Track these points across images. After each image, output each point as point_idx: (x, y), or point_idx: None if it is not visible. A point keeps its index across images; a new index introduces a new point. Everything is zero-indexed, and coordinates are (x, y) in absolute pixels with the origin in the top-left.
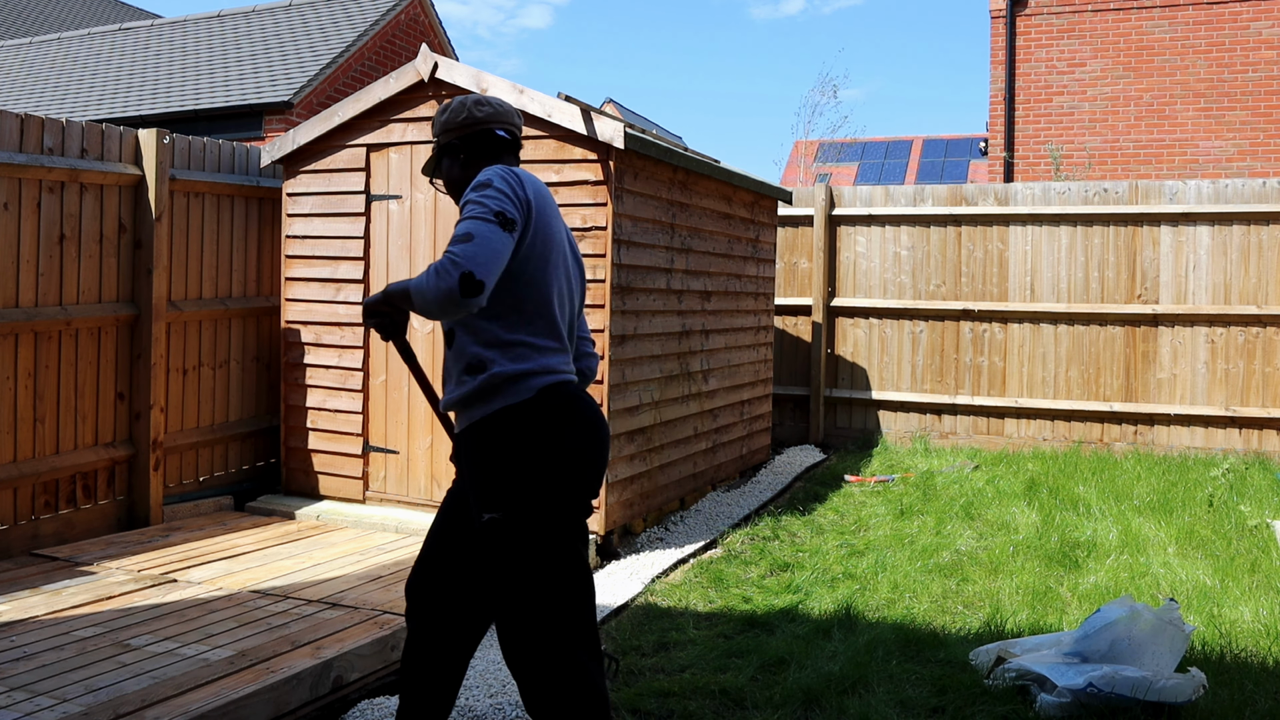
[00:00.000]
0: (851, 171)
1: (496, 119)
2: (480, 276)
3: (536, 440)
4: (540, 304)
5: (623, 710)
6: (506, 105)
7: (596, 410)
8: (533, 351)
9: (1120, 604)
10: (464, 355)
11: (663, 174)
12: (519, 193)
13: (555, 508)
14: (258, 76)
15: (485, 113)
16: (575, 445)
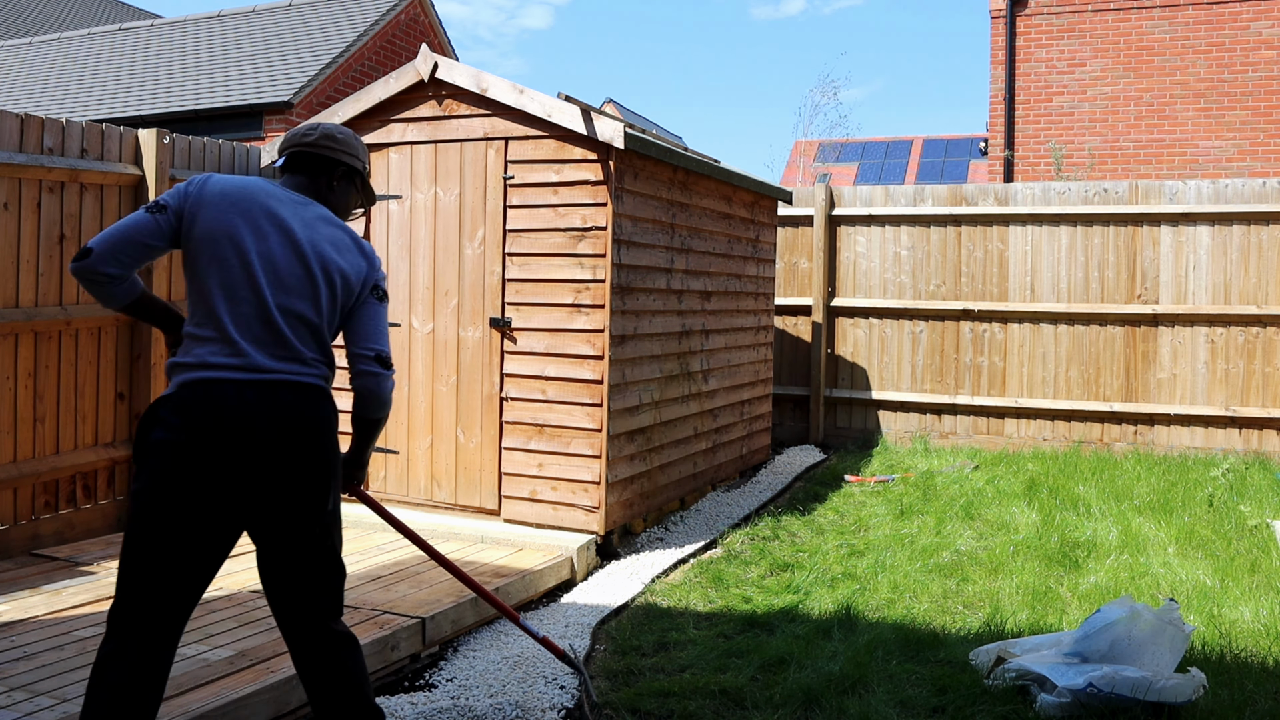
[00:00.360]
0: (851, 171)
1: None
2: (90, 244)
3: (143, 435)
4: (200, 295)
5: (623, 710)
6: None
7: (241, 416)
8: (192, 343)
9: (1120, 604)
10: None
11: (663, 174)
12: (186, 187)
13: (138, 503)
14: (258, 76)
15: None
16: (169, 446)
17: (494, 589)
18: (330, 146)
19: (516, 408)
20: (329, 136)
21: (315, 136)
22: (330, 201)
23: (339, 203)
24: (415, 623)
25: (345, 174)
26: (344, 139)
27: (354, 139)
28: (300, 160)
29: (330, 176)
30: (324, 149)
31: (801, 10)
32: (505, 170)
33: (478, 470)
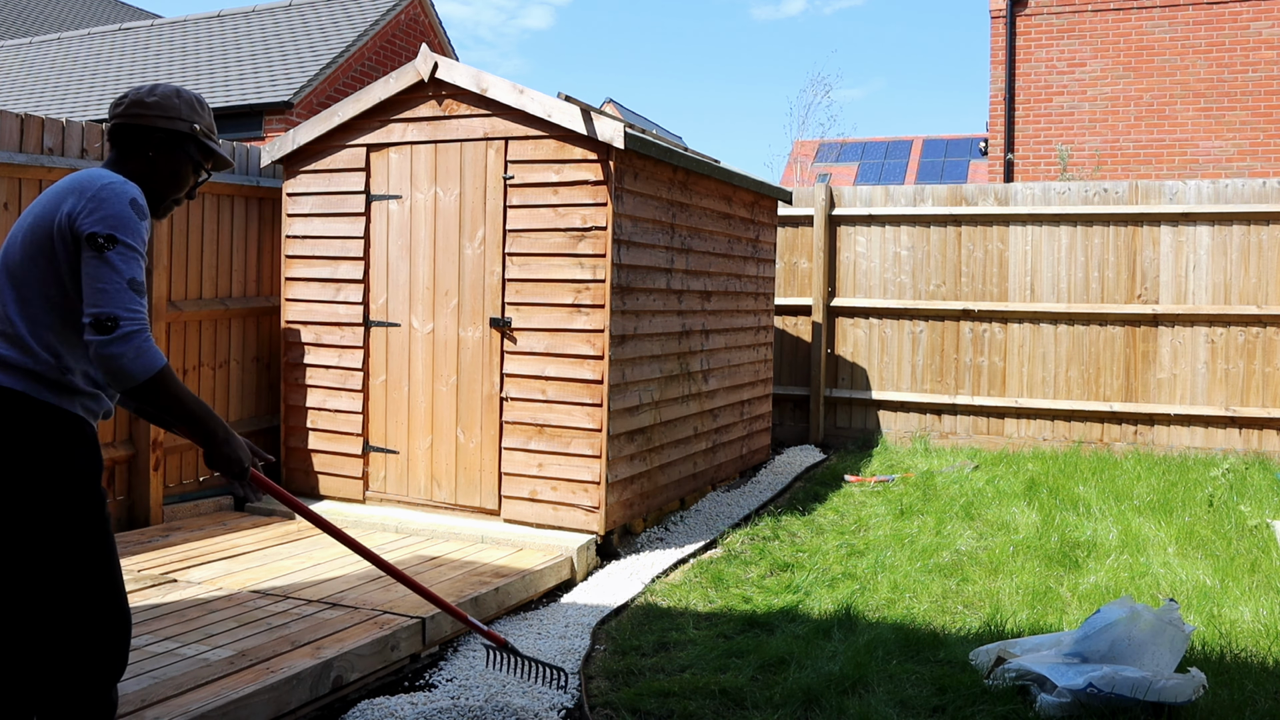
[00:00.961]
0: (851, 171)
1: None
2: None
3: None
4: None
5: (623, 710)
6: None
7: None
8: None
9: (1120, 604)
10: None
11: (663, 174)
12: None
13: None
14: (258, 76)
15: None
16: None
17: (494, 589)
18: (138, 114)
19: (516, 408)
20: (138, 103)
21: (123, 105)
22: (154, 175)
23: (166, 174)
24: (415, 623)
25: (164, 140)
26: (157, 100)
27: (175, 97)
28: (115, 134)
29: (145, 147)
30: (132, 117)
31: (802, 10)
32: (505, 170)
33: (478, 470)
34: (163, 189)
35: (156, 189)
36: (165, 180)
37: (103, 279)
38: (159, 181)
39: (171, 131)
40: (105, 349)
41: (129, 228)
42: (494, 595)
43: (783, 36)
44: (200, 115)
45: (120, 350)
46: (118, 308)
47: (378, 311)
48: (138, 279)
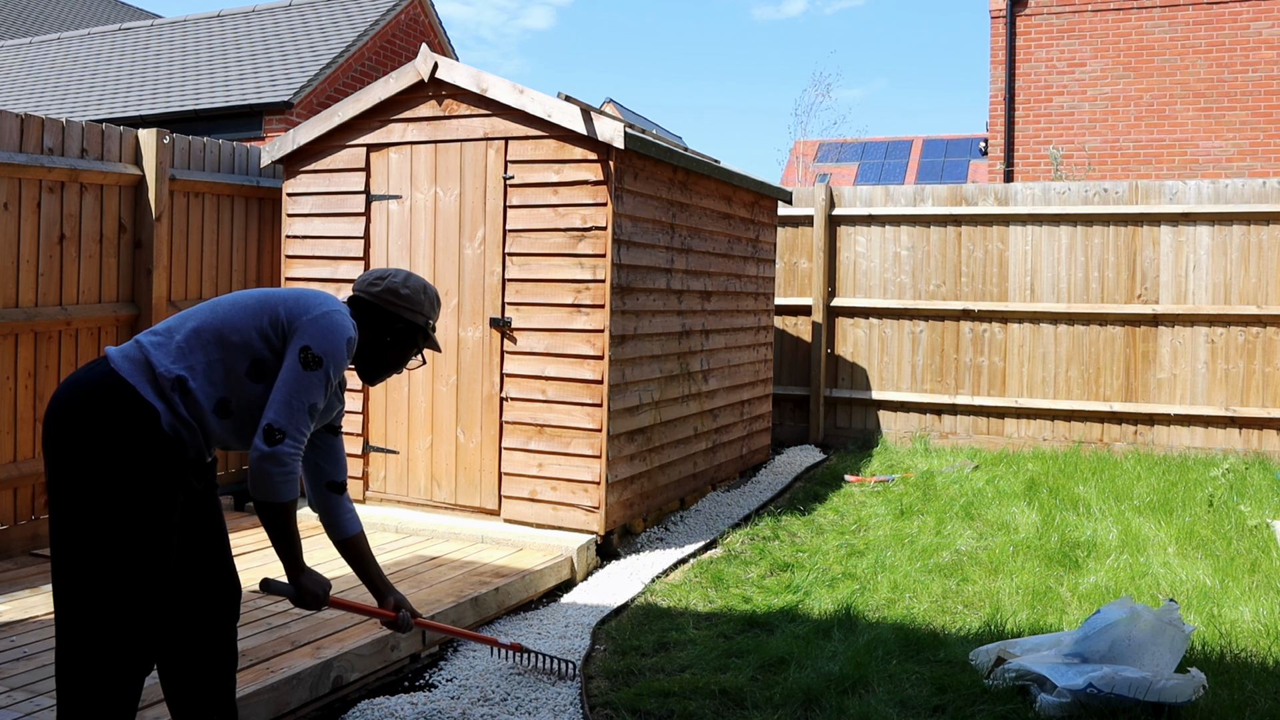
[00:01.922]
0: (851, 171)
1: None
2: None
3: None
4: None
5: (623, 710)
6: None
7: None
8: None
9: (1120, 605)
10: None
11: (663, 174)
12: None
13: None
14: (258, 76)
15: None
16: None
17: (494, 589)
18: (392, 302)
19: (516, 408)
20: (393, 291)
21: (380, 289)
22: (383, 353)
23: (393, 354)
24: None
25: (405, 330)
26: (409, 294)
27: (421, 292)
28: (360, 305)
29: (387, 331)
30: (386, 303)
31: (803, 11)
32: (505, 170)
33: (478, 470)
34: (385, 365)
35: (380, 363)
36: (392, 360)
37: (291, 393)
38: (386, 358)
39: (412, 324)
40: (261, 461)
41: (337, 360)
42: (494, 595)
43: (784, 37)
44: (435, 313)
45: (271, 469)
46: (289, 428)
47: None
48: (318, 405)
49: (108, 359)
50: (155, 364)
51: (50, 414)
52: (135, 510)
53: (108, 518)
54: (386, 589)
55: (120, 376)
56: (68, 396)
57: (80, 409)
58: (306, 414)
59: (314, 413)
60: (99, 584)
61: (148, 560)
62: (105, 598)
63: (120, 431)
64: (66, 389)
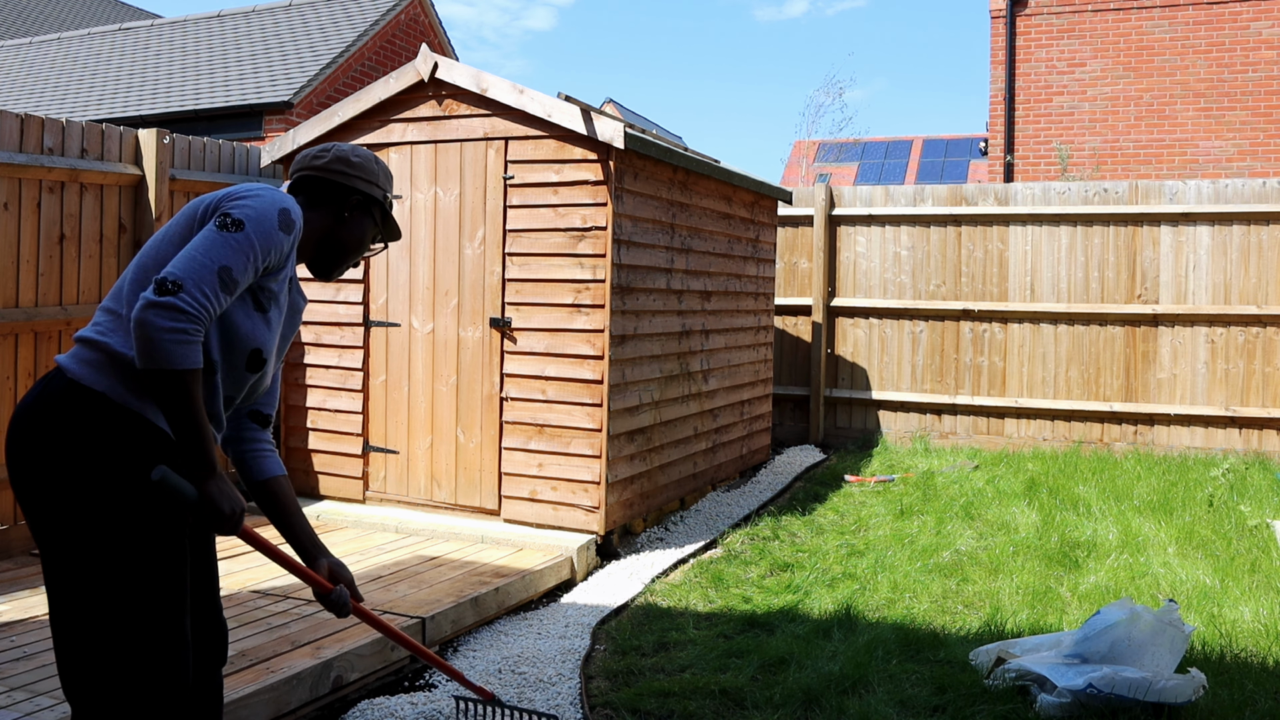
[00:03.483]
0: (851, 171)
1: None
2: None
3: None
4: None
5: (623, 710)
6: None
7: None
8: None
9: (1120, 606)
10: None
11: (663, 174)
12: None
13: None
14: (258, 76)
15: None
16: None
17: (494, 589)
18: (343, 171)
19: (516, 408)
20: (342, 159)
21: (327, 159)
22: (339, 234)
23: (350, 235)
24: (415, 623)
25: (361, 204)
26: (360, 162)
27: (374, 162)
28: (307, 185)
29: (342, 206)
30: (336, 174)
31: (805, 12)
32: (505, 170)
33: (478, 470)
34: (344, 250)
35: (337, 248)
36: (350, 244)
37: (199, 250)
38: (344, 241)
39: (369, 197)
40: (145, 311)
41: (263, 228)
42: (494, 595)
43: (785, 37)
44: (390, 186)
45: (156, 321)
46: (187, 280)
47: (378, 311)
48: (233, 271)
49: (62, 370)
50: (120, 351)
51: (12, 449)
52: (143, 531)
53: (112, 548)
54: (319, 551)
55: (84, 386)
56: (27, 424)
57: (46, 438)
58: (216, 275)
59: (226, 279)
60: (117, 625)
61: (168, 585)
62: (128, 641)
63: (102, 451)
64: (24, 415)
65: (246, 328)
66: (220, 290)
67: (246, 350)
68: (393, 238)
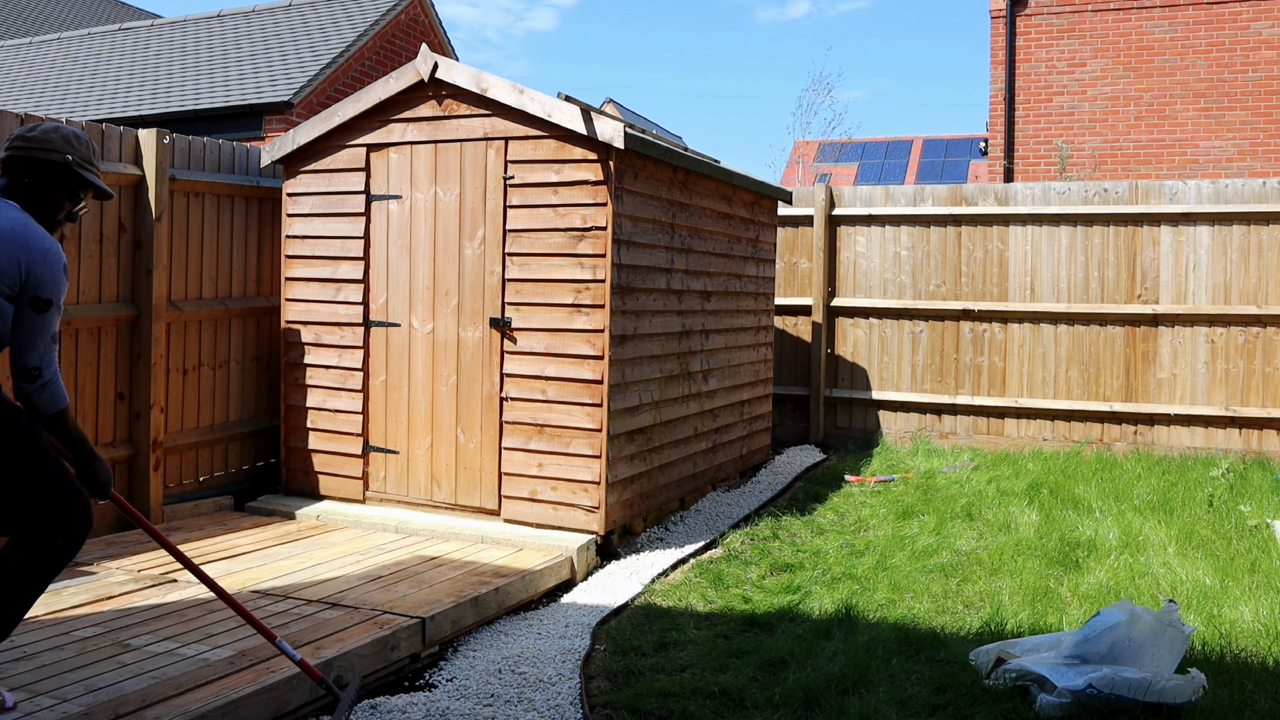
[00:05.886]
0: (851, 171)
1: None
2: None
3: None
4: None
5: (623, 710)
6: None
7: None
8: None
9: (1120, 608)
10: None
11: (663, 174)
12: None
13: None
14: (258, 76)
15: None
16: None
17: (494, 589)
18: (19, 146)
19: (516, 408)
20: (20, 137)
21: (8, 140)
22: (30, 200)
23: (40, 201)
24: (415, 623)
25: (37, 170)
26: (36, 136)
27: (54, 133)
28: (4, 163)
29: (21, 175)
30: (14, 149)
31: (806, 13)
32: (505, 170)
33: (478, 470)
34: (44, 211)
35: (38, 211)
36: (43, 208)
37: (37, 334)
38: (37, 204)
39: (47, 163)
40: (31, 393)
41: (60, 292)
42: (494, 595)
43: (787, 38)
44: (75, 148)
45: (44, 392)
46: (43, 362)
47: (378, 311)
48: (56, 332)
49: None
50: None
51: None
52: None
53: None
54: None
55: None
56: None
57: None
58: (51, 345)
59: (54, 339)
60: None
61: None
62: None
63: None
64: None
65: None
66: (54, 346)
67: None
68: (100, 197)
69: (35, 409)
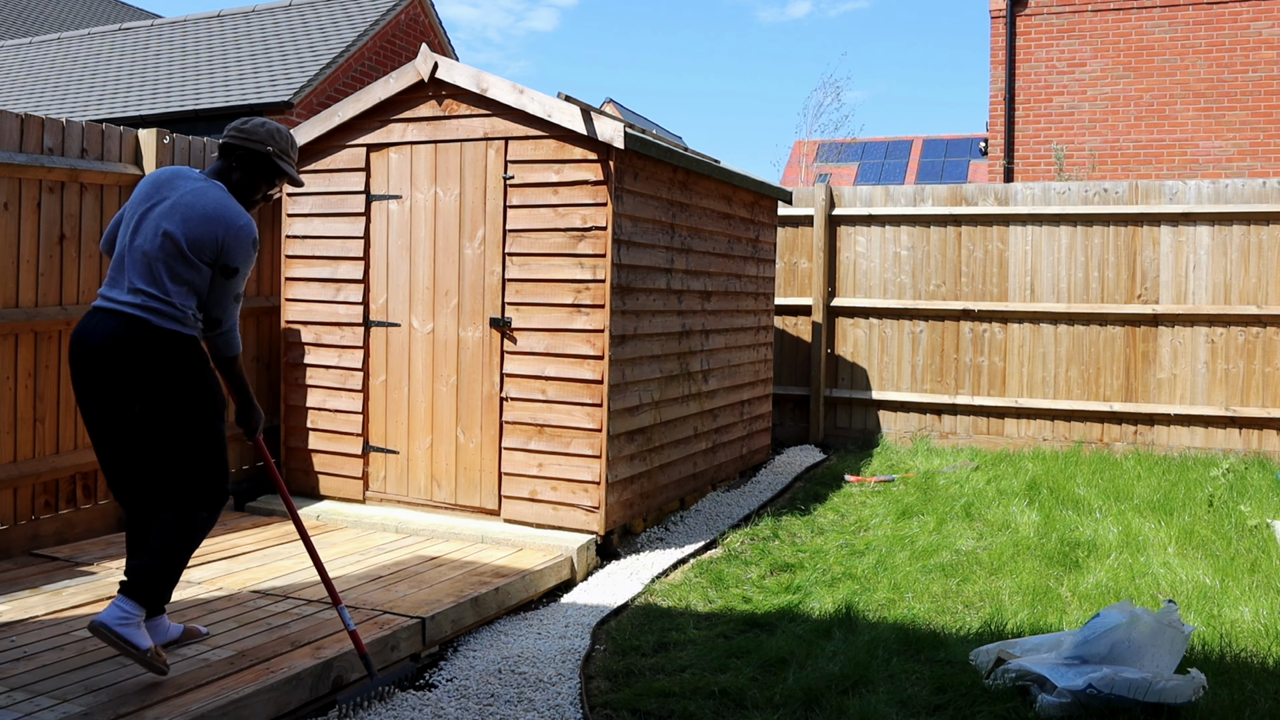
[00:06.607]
0: (851, 171)
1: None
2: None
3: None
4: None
5: (623, 710)
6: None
7: (79, 331)
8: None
9: (1120, 609)
10: None
11: (663, 174)
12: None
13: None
14: (258, 76)
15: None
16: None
17: (494, 589)
18: (233, 135)
19: (516, 408)
20: (234, 127)
21: (226, 129)
22: (233, 182)
23: (241, 183)
24: (415, 623)
25: (243, 158)
26: (248, 128)
27: (261, 128)
28: (220, 149)
29: (230, 160)
30: (229, 137)
31: (807, 13)
32: (505, 170)
33: (478, 470)
34: (244, 192)
35: (239, 192)
36: (242, 189)
37: (223, 293)
38: (239, 186)
39: (251, 152)
40: (214, 338)
41: (247, 262)
42: (494, 595)
43: (788, 38)
44: (276, 142)
45: (219, 341)
46: (224, 315)
47: (378, 311)
48: (240, 293)
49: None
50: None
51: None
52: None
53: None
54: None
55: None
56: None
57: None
58: (233, 303)
59: (237, 299)
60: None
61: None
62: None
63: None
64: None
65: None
66: (237, 304)
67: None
68: (292, 183)
69: (215, 351)
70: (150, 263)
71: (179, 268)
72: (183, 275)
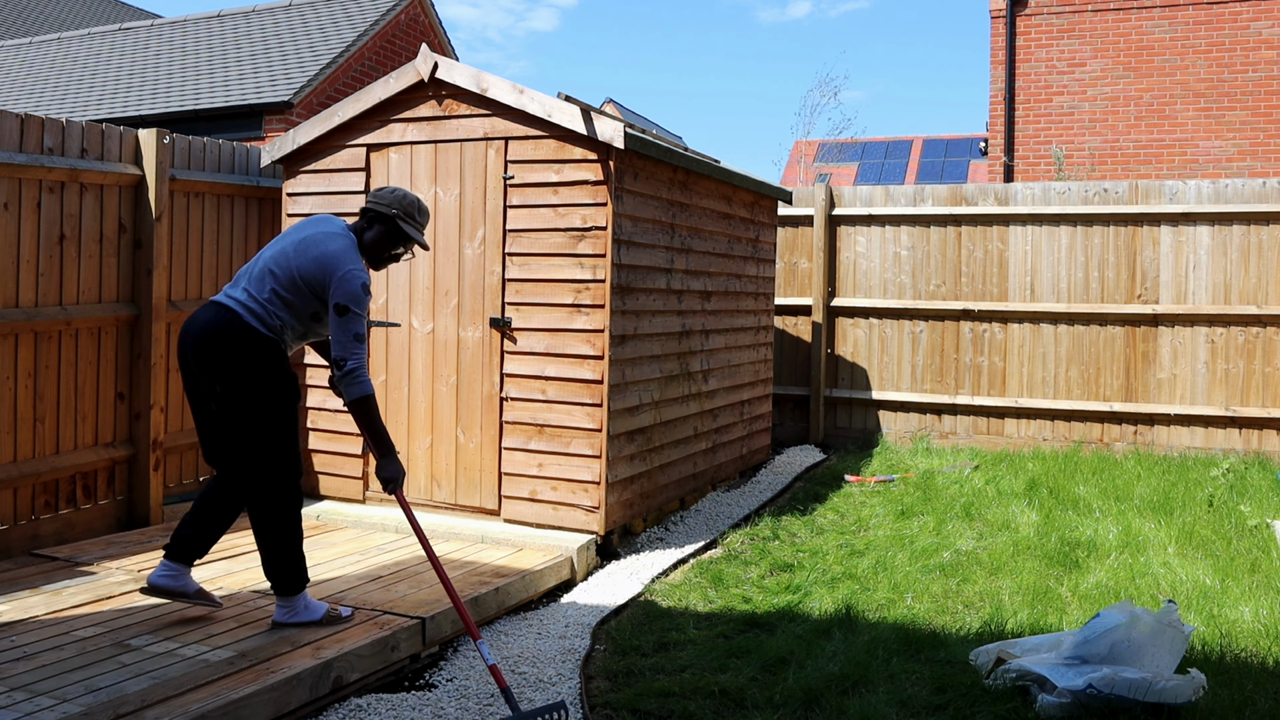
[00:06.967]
0: (851, 171)
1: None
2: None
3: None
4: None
5: (623, 710)
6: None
7: (191, 317)
8: None
9: (1120, 609)
10: None
11: (663, 174)
12: None
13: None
14: (258, 76)
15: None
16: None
17: (494, 589)
18: (371, 199)
19: (516, 408)
20: (373, 192)
21: (370, 193)
22: (365, 239)
23: (370, 240)
24: (415, 623)
25: (374, 219)
26: (382, 194)
27: (391, 194)
28: (361, 210)
29: (365, 219)
30: (369, 201)
31: (808, 14)
32: (505, 170)
33: (478, 470)
34: (371, 248)
35: (368, 247)
36: (371, 245)
37: (338, 330)
38: (368, 242)
39: (378, 213)
40: (338, 380)
41: (355, 303)
42: (494, 595)
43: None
44: (403, 207)
45: (342, 383)
46: (347, 355)
47: (377, 311)
48: (361, 333)
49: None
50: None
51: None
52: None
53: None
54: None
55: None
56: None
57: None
58: (355, 341)
59: (360, 339)
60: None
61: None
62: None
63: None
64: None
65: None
66: (361, 344)
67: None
68: (411, 244)
69: (340, 394)
70: (264, 275)
71: (284, 287)
72: (284, 294)
